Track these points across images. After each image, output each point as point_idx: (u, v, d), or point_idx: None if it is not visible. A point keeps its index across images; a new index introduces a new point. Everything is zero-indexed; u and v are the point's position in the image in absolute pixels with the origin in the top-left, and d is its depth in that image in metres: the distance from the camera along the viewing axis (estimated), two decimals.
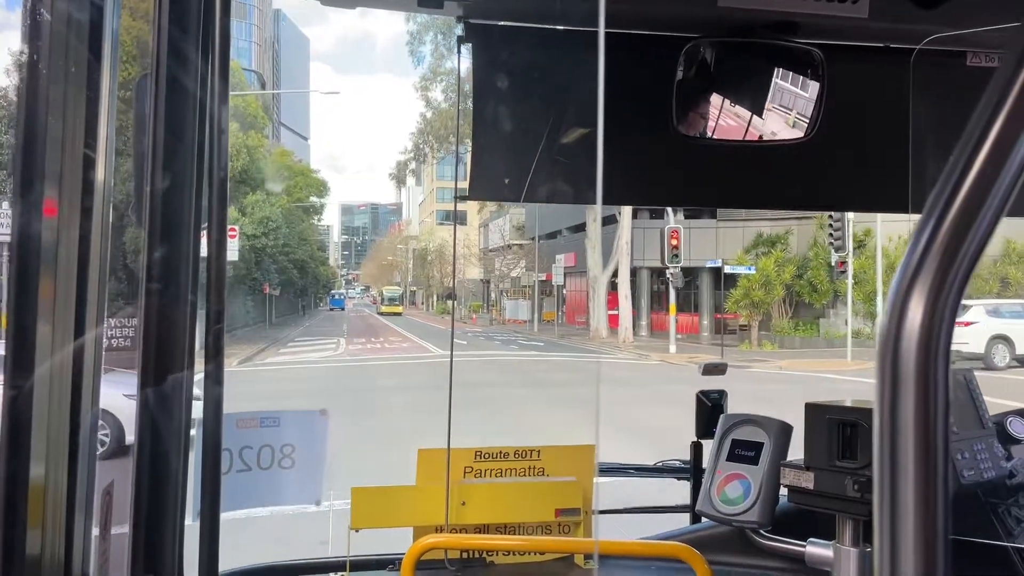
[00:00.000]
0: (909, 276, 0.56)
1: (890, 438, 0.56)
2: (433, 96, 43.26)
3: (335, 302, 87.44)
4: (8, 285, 1.11)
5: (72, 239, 1.13)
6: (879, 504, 0.57)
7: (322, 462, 1.79)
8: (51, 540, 1.09)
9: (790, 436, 1.71)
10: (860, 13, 1.61)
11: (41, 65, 1.08)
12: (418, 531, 1.85)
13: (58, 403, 1.11)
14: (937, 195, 0.57)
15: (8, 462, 1.06)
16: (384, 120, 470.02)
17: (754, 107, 1.66)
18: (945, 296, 0.55)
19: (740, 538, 1.76)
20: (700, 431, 2.14)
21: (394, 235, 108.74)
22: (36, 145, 1.09)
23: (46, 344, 1.09)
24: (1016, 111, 0.55)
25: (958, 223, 0.56)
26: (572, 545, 1.89)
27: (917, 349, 0.55)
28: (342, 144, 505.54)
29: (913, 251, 0.57)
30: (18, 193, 1.10)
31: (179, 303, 1.46)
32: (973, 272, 0.56)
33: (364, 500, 1.82)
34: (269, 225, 36.84)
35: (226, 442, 1.64)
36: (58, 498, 1.10)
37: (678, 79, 1.64)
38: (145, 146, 1.37)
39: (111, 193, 1.19)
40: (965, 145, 0.56)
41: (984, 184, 0.55)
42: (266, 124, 47.09)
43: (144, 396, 1.45)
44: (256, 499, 1.74)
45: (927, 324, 0.55)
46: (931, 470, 0.56)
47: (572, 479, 1.91)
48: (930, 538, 0.56)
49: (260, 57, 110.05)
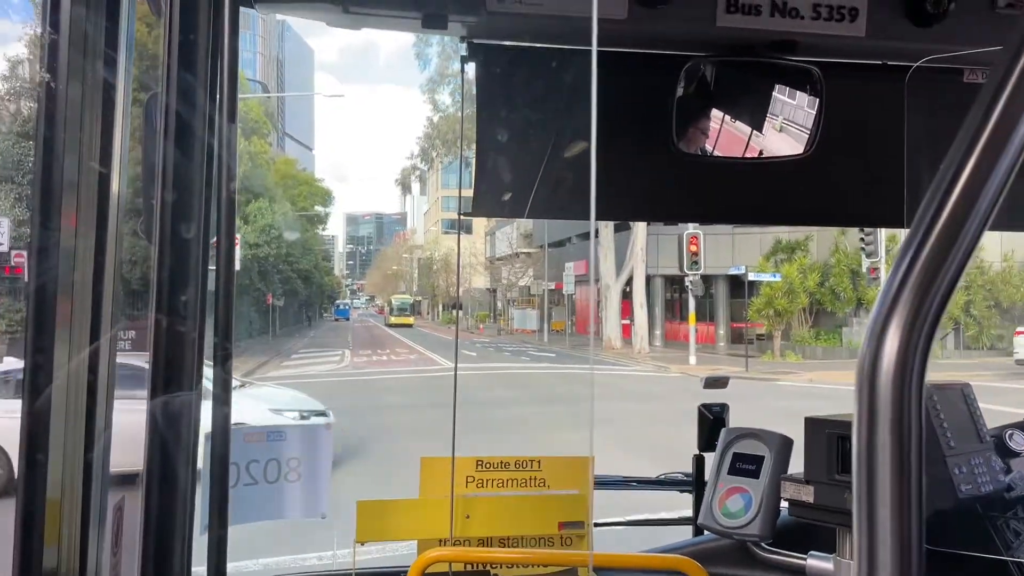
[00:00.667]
0: (886, 309, 0.62)
1: (867, 461, 0.62)
2: (440, 99, 43.51)
3: (340, 312, 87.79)
4: (27, 304, 1.18)
5: (88, 254, 1.18)
6: (857, 521, 0.63)
7: (327, 475, 1.86)
8: (67, 556, 1.14)
9: (791, 450, 1.78)
10: (857, 32, 1.68)
11: (59, 79, 1.13)
12: (422, 544, 1.92)
13: (74, 422, 1.15)
14: (912, 234, 0.63)
15: (27, 481, 1.10)
16: (388, 130, 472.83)
17: (753, 124, 1.74)
18: (919, 328, 0.61)
19: (741, 551, 1.82)
20: (702, 444, 2.21)
21: (399, 244, 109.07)
22: (54, 159, 1.15)
23: (63, 365, 1.15)
24: (987, 153, 0.61)
25: (931, 261, 0.61)
26: (575, 558, 1.96)
27: (892, 377, 0.61)
28: (346, 154, 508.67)
29: (890, 285, 0.63)
30: (37, 207, 1.15)
31: (188, 317, 1.53)
32: (946, 307, 0.62)
33: (369, 513, 1.89)
34: (272, 233, 37.01)
35: (233, 456, 1.72)
36: (73, 515, 1.15)
37: (678, 97, 1.72)
38: (155, 161, 1.44)
39: (123, 207, 1.26)
40: (939, 185, 0.62)
41: (955, 226, 0.61)
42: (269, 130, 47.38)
43: (153, 410, 1.52)
44: (263, 512, 1.81)
45: (903, 354, 0.61)
46: (905, 490, 0.61)
47: (576, 492, 1.98)
48: (905, 552, 0.61)
49: (265, 68, 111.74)
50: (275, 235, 37.38)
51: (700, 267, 25.64)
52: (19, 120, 17.75)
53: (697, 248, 25.31)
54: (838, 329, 30.38)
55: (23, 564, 1.09)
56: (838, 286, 29.03)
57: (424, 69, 63.77)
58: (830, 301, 29.51)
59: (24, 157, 17.10)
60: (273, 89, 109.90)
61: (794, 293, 28.94)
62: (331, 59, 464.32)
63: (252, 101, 41.75)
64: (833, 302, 29.45)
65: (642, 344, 31.78)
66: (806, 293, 29.25)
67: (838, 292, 29.11)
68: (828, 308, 29.84)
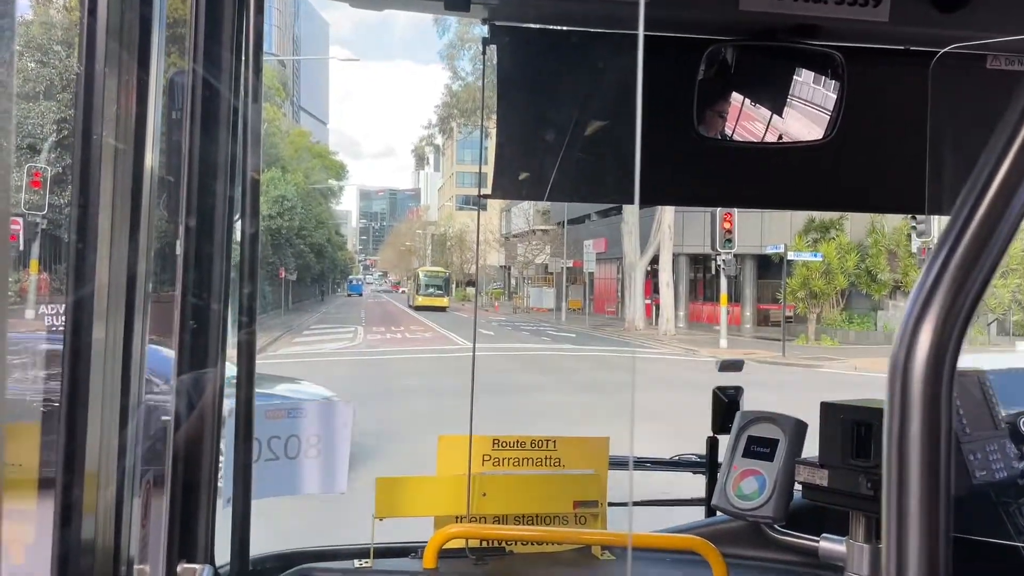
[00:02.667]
0: (920, 305, 0.66)
1: (897, 452, 0.66)
2: (461, 65, 43.31)
3: (353, 288, 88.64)
4: (67, 281, 1.27)
5: (123, 234, 1.27)
6: (887, 508, 0.67)
7: (346, 451, 1.96)
8: (103, 528, 1.21)
9: (805, 434, 1.86)
10: (880, 17, 1.73)
11: (96, 58, 1.18)
12: (439, 520, 2.03)
13: (110, 397, 1.22)
14: (948, 229, 0.66)
15: (67, 453, 1.18)
16: (403, 105, 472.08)
17: (774, 108, 1.80)
18: (952, 323, 0.65)
19: (755, 532, 1.91)
20: (716, 427, 2.29)
21: (412, 221, 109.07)
22: (91, 140, 1.21)
23: (100, 342, 1.23)
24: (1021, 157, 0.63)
25: (967, 256, 0.64)
26: (596, 538, 2.05)
27: (925, 372, 0.64)
28: (360, 130, 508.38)
29: (924, 281, 0.66)
30: (76, 185, 1.21)
31: (212, 296, 1.62)
32: (980, 302, 0.66)
33: (388, 490, 1.99)
34: (285, 205, 37.10)
35: (255, 432, 1.82)
36: (109, 488, 1.22)
37: (699, 80, 1.78)
38: (179, 139, 1.52)
39: (155, 186, 1.33)
40: (974, 184, 0.65)
41: (991, 222, 0.64)
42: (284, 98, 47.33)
43: (179, 387, 1.62)
44: (283, 487, 1.91)
45: (935, 349, 0.64)
46: (935, 481, 0.66)
47: (591, 472, 2.08)
48: (934, 538, 0.66)
49: (280, 40, 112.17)
50: (288, 207, 37.49)
51: (734, 245, 25.28)
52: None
53: (731, 226, 24.92)
54: (872, 313, 30.07)
55: (63, 535, 1.17)
56: (875, 267, 28.69)
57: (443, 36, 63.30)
58: (866, 283, 29.15)
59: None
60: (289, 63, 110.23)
61: (831, 274, 28.57)
62: (346, 33, 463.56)
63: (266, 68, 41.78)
64: (869, 284, 29.07)
65: (668, 326, 31.66)
66: (845, 275, 28.89)
67: (875, 274, 28.78)
68: (864, 290, 29.51)
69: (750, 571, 1.87)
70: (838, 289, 29.27)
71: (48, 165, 17.30)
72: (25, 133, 17.02)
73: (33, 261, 16.15)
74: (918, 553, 0.66)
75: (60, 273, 16.58)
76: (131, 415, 1.27)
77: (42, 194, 16.55)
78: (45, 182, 16.72)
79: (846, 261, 28.84)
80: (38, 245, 16.57)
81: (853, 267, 28.95)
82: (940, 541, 0.66)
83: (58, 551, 1.17)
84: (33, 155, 17.21)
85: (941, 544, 0.66)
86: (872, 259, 28.79)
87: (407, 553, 2.03)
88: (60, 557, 1.17)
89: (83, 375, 1.19)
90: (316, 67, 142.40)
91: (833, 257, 28.60)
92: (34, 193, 16.45)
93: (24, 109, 16.91)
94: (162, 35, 1.28)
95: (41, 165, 17.02)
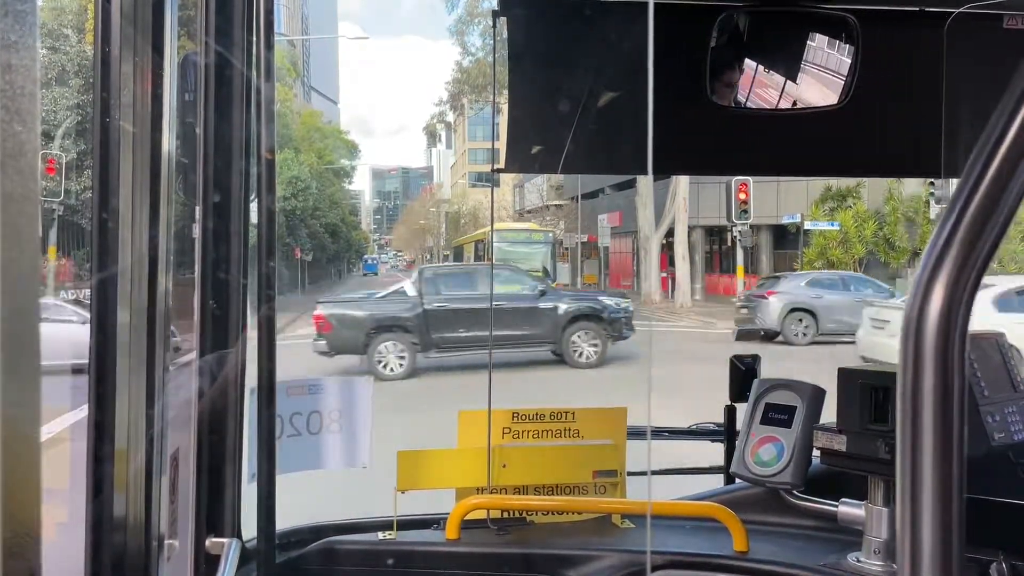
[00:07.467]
0: (932, 264, 0.67)
1: (911, 410, 0.67)
2: (471, 40, 42.98)
3: (368, 267, 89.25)
4: (91, 263, 1.29)
5: (143, 215, 1.28)
6: (900, 469, 0.68)
7: (367, 426, 1.99)
8: (133, 503, 1.24)
9: (823, 400, 1.87)
10: None
11: (112, 42, 1.19)
12: (460, 492, 2.06)
13: (136, 376, 1.25)
14: (960, 188, 0.67)
15: (97, 432, 1.20)
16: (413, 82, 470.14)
17: (788, 74, 1.79)
18: (964, 283, 0.66)
19: (773, 498, 1.93)
20: (733, 395, 2.30)
21: (425, 198, 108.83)
22: (110, 122, 1.23)
23: (125, 323, 1.25)
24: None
25: (978, 215, 0.65)
26: (615, 506, 2.08)
27: (937, 330, 0.66)
28: (371, 108, 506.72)
29: (936, 241, 0.67)
30: (97, 169, 1.22)
31: (231, 275, 1.64)
32: (990, 262, 0.67)
33: (409, 463, 2.02)
34: (298, 186, 37.17)
35: (278, 408, 1.84)
36: (138, 465, 1.26)
37: (712, 47, 1.77)
38: (192, 120, 1.53)
39: (174, 168, 1.35)
40: (985, 144, 0.66)
41: (1002, 180, 0.65)
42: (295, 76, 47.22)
43: (202, 366, 1.65)
44: (307, 462, 1.94)
45: (947, 307, 0.66)
46: (948, 439, 0.66)
47: (609, 442, 2.10)
48: (946, 499, 0.67)
49: (289, 19, 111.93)
50: (302, 187, 37.56)
51: (750, 216, 25.10)
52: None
53: (747, 196, 24.70)
54: (891, 280, 29.89)
55: (95, 512, 1.20)
56: (893, 235, 28.47)
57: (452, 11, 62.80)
58: (884, 251, 28.97)
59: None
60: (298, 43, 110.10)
61: (849, 243, 28.39)
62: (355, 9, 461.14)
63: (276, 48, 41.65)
64: (887, 252, 28.90)
65: (684, 298, 31.59)
66: (863, 243, 28.72)
67: (893, 242, 28.57)
68: (881, 258, 29.32)
69: (770, 536, 1.89)
70: (856, 258, 29.07)
71: (62, 151, 17.40)
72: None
73: (51, 248, 16.30)
74: (931, 507, 0.67)
75: (79, 259, 16.74)
76: (157, 395, 1.29)
77: (58, 180, 16.66)
78: (60, 168, 16.83)
79: (864, 229, 28.60)
80: (55, 231, 16.71)
81: (871, 235, 28.73)
82: (953, 496, 0.67)
83: (91, 528, 1.20)
84: (47, 141, 17.32)
85: (955, 498, 0.67)
86: (890, 227, 28.56)
87: (430, 525, 2.06)
88: (94, 534, 1.20)
89: (110, 356, 1.21)
90: (326, 46, 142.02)
91: (850, 225, 28.36)
92: (49, 180, 16.56)
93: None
94: (175, 17, 1.29)
95: (55, 152, 17.12)
